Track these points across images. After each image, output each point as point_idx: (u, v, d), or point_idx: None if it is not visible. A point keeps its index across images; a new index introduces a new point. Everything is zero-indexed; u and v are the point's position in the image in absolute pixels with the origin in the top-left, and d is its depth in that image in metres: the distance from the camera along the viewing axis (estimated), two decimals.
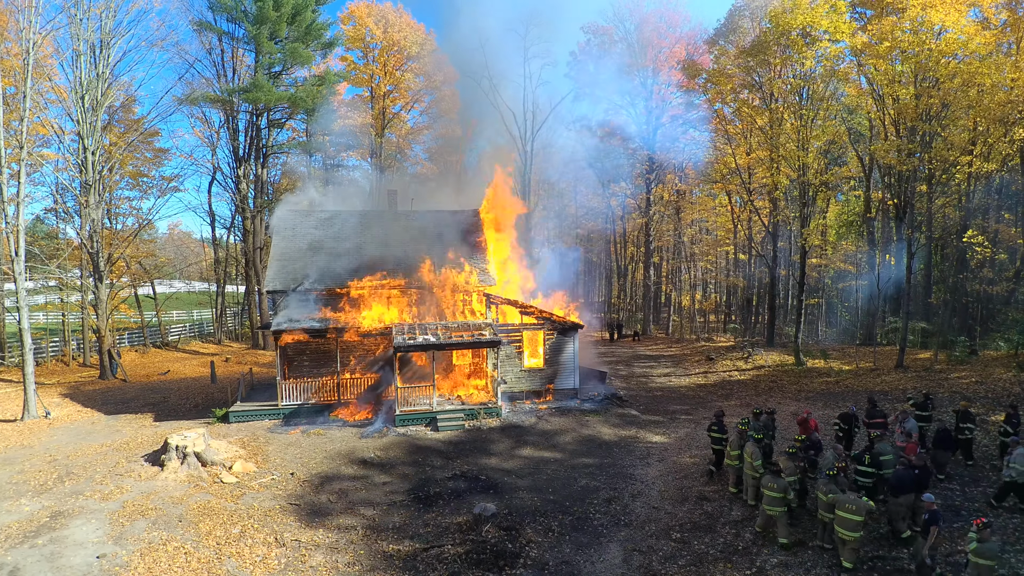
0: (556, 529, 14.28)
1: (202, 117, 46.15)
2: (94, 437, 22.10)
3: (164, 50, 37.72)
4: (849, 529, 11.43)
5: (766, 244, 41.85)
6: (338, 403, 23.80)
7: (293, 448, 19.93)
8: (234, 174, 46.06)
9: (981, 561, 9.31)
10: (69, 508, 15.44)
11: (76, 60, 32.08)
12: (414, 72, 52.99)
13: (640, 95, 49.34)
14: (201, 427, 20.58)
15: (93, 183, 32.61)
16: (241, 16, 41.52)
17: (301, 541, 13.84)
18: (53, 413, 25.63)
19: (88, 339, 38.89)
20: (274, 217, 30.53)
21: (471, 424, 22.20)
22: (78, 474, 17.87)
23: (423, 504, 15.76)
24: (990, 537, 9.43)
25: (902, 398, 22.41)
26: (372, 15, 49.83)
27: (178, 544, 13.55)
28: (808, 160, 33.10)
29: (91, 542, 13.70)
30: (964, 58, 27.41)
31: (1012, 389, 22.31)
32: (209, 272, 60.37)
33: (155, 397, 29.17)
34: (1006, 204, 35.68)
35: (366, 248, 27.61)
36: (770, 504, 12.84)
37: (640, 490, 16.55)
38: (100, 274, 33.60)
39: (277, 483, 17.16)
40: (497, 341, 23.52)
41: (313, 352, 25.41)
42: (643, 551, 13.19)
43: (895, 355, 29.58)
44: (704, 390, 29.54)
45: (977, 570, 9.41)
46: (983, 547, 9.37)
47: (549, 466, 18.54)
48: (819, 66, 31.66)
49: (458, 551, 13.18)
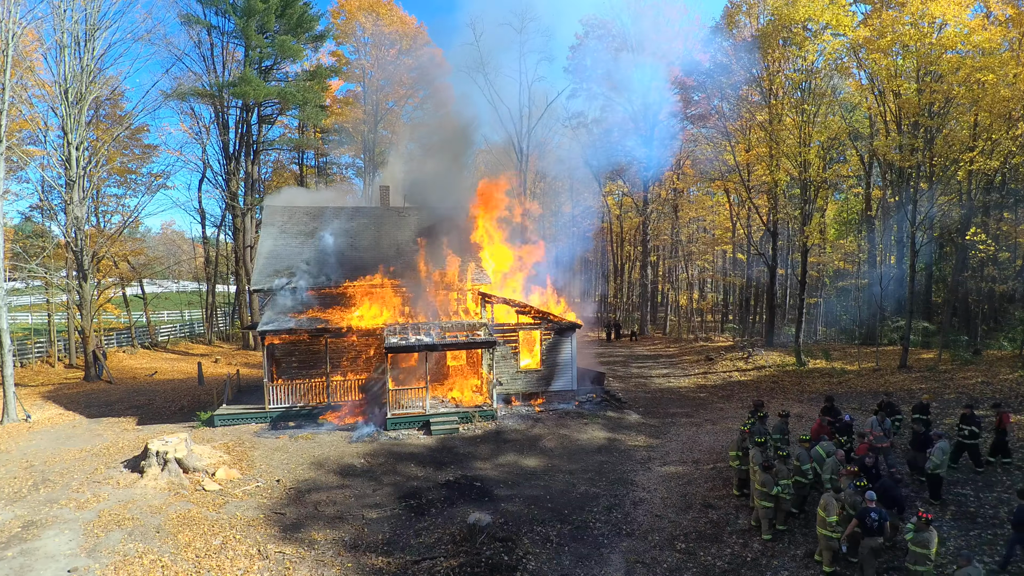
0: (555, 539, 13.58)
1: (191, 112, 45.25)
2: (74, 441, 21.27)
3: (151, 43, 36.83)
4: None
5: (765, 243, 41.25)
6: (328, 406, 23.01)
7: (280, 453, 19.16)
8: (224, 171, 45.18)
9: (917, 549, 10.36)
10: (43, 517, 14.67)
11: (60, 53, 31.17)
12: (407, 67, 52.13)
13: (637, 91, 48.66)
14: (184, 431, 19.76)
15: (77, 179, 31.70)
16: (229, 9, 40.64)
17: (285, 553, 13.09)
18: (34, 416, 24.76)
19: (74, 340, 37.97)
20: (263, 214, 29.71)
21: (465, 427, 21.48)
22: (54, 481, 17.08)
23: (414, 513, 15.02)
24: (926, 528, 10.35)
25: (909, 399, 21.82)
26: (362, 8, 48.92)
27: (155, 557, 12.80)
28: (809, 157, 32.51)
29: (63, 554, 12.94)
30: (967, 53, 26.89)
31: (1019, 389, 21.74)
32: (201, 271, 59.43)
33: (140, 399, 28.32)
34: (1008, 202, 35.20)
35: (357, 246, 26.82)
36: (759, 497, 13.06)
37: (642, 497, 15.87)
38: (84, 273, 32.69)
39: (262, 491, 16.39)
40: (492, 341, 22.79)
41: (302, 353, 24.61)
42: (646, 563, 12.50)
43: (898, 355, 29.01)
44: (705, 391, 28.88)
45: (914, 557, 10.42)
46: (918, 536, 10.38)
47: (546, 471, 17.84)
48: (820, 59, 31.08)
49: (451, 564, 12.45)
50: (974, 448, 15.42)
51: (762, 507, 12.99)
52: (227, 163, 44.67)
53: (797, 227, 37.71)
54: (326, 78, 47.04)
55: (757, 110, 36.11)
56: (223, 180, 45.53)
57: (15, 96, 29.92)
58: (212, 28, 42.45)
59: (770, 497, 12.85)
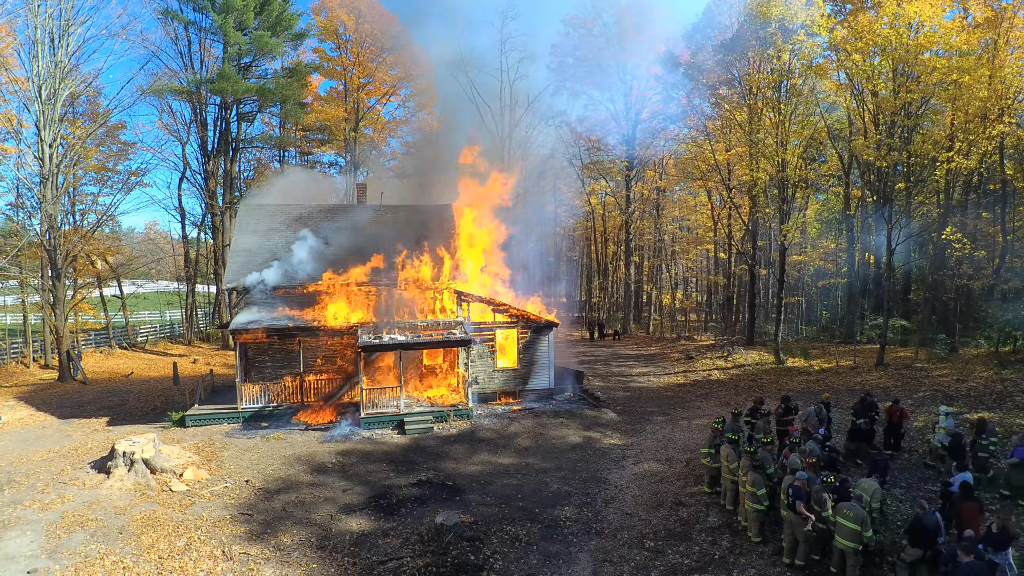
0: (524, 538, 13.47)
1: (169, 110, 44.68)
2: (42, 443, 20.90)
3: (127, 39, 36.21)
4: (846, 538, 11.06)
5: (746, 241, 41.42)
6: (301, 405, 22.78)
7: (250, 454, 18.92)
8: (203, 169, 44.69)
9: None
10: (5, 519, 14.39)
11: (34, 48, 30.67)
12: (388, 64, 51.82)
13: (619, 90, 48.73)
14: (154, 432, 19.47)
15: (50, 177, 31.21)
16: (207, 5, 40.21)
17: (250, 554, 12.90)
18: (4, 417, 24.32)
19: (49, 341, 37.37)
20: (238, 211, 29.38)
21: (440, 427, 21.33)
22: (19, 482, 16.74)
23: (384, 513, 14.86)
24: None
25: (884, 397, 21.91)
26: (344, 5, 48.57)
27: (116, 558, 12.58)
28: (787, 156, 32.65)
29: (24, 556, 12.70)
30: (944, 53, 27.10)
31: (994, 387, 21.89)
32: (181, 271, 58.79)
33: (113, 400, 27.89)
34: (984, 201, 35.55)
35: (333, 244, 26.53)
36: (750, 500, 12.72)
37: (614, 495, 15.81)
38: (58, 272, 32.20)
39: (230, 491, 16.17)
40: (468, 340, 22.66)
41: (275, 352, 24.30)
42: (614, 561, 12.43)
43: (875, 353, 29.19)
44: (683, 390, 28.91)
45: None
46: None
47: (520, 470, 17.74)
48: (795, 59, 31.20)
49: (417, 564, 12.31)
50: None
51: (753, 510, 12.59)
52: (206, 161, 44.20)
53: (777, 226, 37.89)
54: (307, 75, 46.66)
55: (736, 110, 36.22)
56: (202, 179, 45.05)
57: None
58: (190, 24, 41.98)
59: (758, 498, 12.47)
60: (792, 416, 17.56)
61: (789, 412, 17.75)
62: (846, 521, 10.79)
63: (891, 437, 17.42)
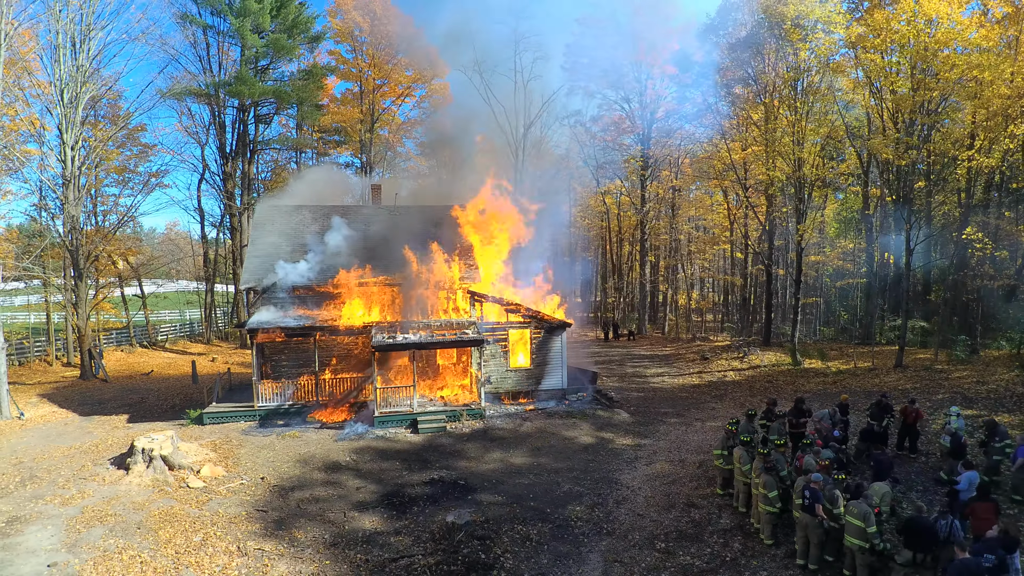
0: (535, 538, 13.52)
1: (188, 112, 45.34)
2: (64, 439, 21.33)
3: (147, 43, 36.80)
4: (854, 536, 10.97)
5: (762, 241, 41.09)
6: (316, 404, 23.02)
7: (266, 451, 19.17)
8: (221, 171, 45.27)
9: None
10: (27, 513, 14.73)
11: (56, 53, 31.25)
12: (403, 66, 52.12)
13: (634, 89, 48.54)
14: (172, 429, 19.79)
15: (72, 179, 31.79)
16: (225, 9, 40.74)
17: (264, 550, 13.09)
18: (28, 414, 24.86)
19: (71, 339, 38.09)
20: (256, 212, 29.74)
21: (453, 426, 21.42)
22: (41, 477, 17.14)
23: (396, 511, 14.99)
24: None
25: (902, 399, 21.65)
26: (358, 7, 48.94)
27: (134, 552, 12.82)
28: (803, 155, 32.34)
29: (44, 549, 12.99)
30: (964, 50, 26.67)
31: (1015, 389, 21.57)
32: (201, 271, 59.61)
33: (133, 398, 28.39)
34: (1006, 201, 34.91)
35: (348, 244, 26.74)
36: (762, 502, 12.65)
37: (625, 496, 15.79)
38: (80, 272, 32.79)
39: (246, 488, 16.40)
40: (480, 340, 22.75)
41: (291, 351, 24.59)
42: (624, 562, 12.43)
43: (894, 354, 28.84)
44: (698, 391, 28.76)
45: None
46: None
47: (531, 470, 17.77)
48: (812, 56, 30.89)
49: (428, 562, 12.42)
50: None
51: (765, 512, 12.54)
52: (224, 163, 44.78)
53: (794, 226, 37.53)
54: (322, 77, 47.07)
55: (752, 108, 35.94)
56: (220, 180, 45.64)
57: (12, 96, 30.10)
58: (208, 28, 42.59)
59: (770, 500, 12.43)
60: (805, 419, 17.42)
61: (802, 415, 17.58)
62: (853, 518, 10.81)
63: (906, 438, 17.31)
